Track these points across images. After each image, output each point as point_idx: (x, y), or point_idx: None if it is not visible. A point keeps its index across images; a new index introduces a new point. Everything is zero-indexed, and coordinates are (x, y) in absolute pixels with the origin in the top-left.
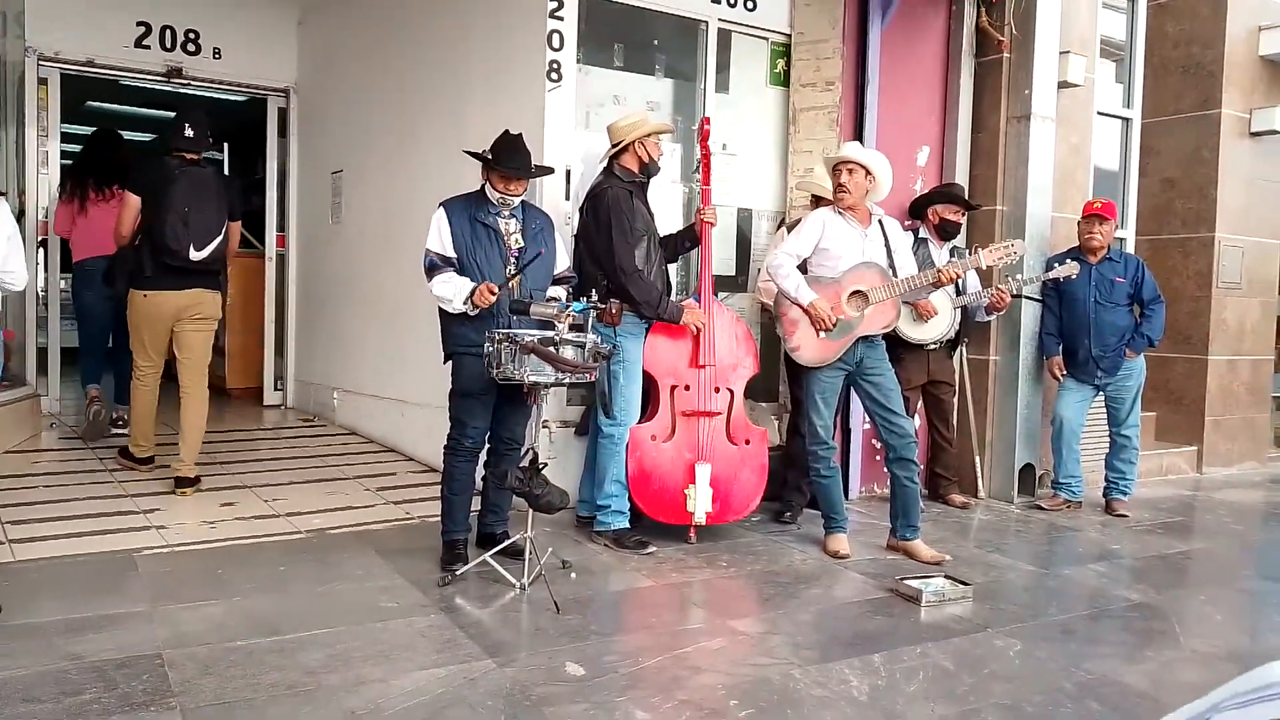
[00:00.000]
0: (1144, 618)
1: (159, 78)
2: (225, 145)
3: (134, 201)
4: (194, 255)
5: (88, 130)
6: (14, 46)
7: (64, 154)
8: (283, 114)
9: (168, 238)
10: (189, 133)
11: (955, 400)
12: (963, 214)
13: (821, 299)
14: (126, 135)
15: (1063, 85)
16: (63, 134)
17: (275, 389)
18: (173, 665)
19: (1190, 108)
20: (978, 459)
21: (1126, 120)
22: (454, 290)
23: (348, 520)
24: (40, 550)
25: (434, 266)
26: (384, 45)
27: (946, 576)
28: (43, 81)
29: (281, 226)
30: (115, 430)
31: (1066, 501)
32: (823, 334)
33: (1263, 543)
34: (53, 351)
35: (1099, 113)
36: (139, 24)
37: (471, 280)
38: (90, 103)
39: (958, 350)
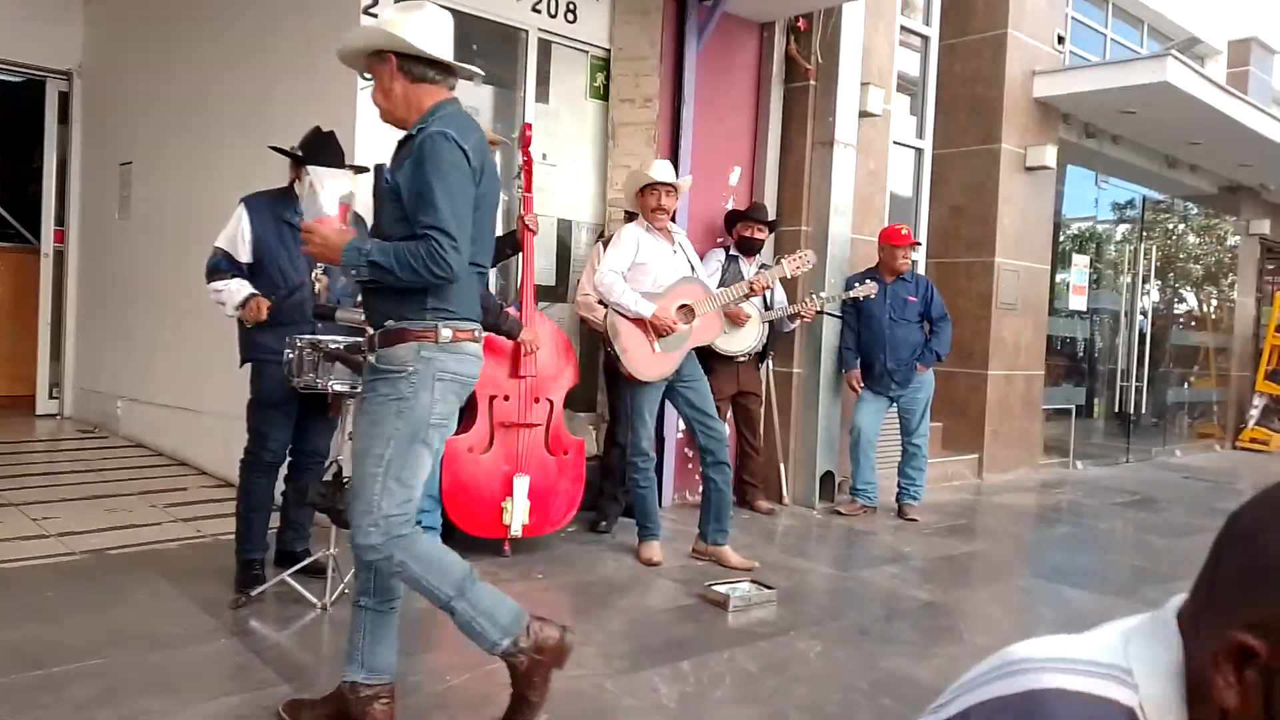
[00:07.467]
0: (932, 616)
1: None
2: None
3: None
4: None
5: None
6: None
7: None
8: (64, 98)
9: None
10: None
11: (762, 410)
12: (763, 231)
13: (662, 309)
14: None
15: (863, 114)
16: None
17: (50, 397)
18: None
19: (975, 142)
20: (782, 466)
21: (919, 150)
22: (228, 295)
23: (130, 540)
24: None
25: (216, 269)
26: (182, 31)
27: (752, 581)
28: None
29: (61, 220)
30: None
31: (863, 506)
32: (657, 348)
33: (1034, 543)
34: None
35: (895, 142)
36: None
37: (271, 283)
38: None
39: (764, 363)
